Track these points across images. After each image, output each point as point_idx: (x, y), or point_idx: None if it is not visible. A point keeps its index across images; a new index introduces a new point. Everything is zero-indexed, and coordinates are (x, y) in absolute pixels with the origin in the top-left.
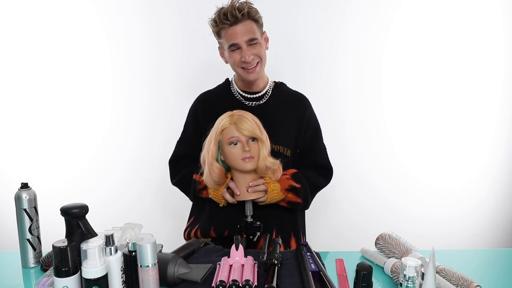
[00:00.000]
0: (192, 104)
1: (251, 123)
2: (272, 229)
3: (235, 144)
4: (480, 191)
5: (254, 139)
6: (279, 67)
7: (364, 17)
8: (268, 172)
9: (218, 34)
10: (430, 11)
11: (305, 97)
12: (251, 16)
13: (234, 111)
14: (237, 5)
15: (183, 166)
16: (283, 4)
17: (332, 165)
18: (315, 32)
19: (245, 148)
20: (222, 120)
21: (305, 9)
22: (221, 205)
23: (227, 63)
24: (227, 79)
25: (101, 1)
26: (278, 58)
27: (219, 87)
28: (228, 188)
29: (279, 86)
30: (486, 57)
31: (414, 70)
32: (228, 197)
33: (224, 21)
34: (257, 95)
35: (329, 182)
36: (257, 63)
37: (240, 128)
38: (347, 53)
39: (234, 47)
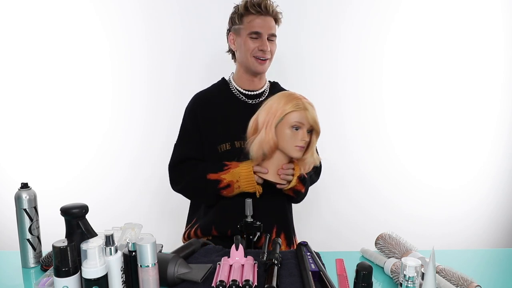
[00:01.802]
0: (189, 104)
1: (316, 114)
2: (273, 227)
3: (297, 129)
4: (480, 191)
5: (310, 131)
6: (278, 67)
7: (364, 18)
8: (303, 164)
9: (240, 18)
10: (430, 11)
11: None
12: (277, 16)
13: (300, 96)
14: (269, 1)
15: (187, 170)
16: (283, 4)
17: (332, 165)
18: (315, 32)
19: (304, 137)
20: (290, 101)
21: (305, 9)
22: (258, 195)
23: (234, 51)
24: (223, 78)
25: (101, 1)
26: (278, 58)
27: (214, 86)
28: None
29: (275, 86)
30: (486, 57)
31: (414, 70)
32: (260, 180)
33: (255, 7)
34: (256, 92)
35: (318, 178)
36: (269, 58)
37: (308, 116)
38: (347, 54)
39: (256, 35)
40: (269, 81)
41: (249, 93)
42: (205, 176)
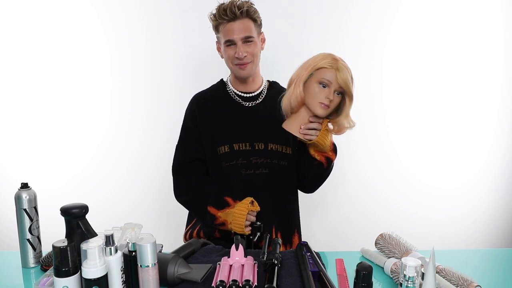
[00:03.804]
0: (188, 105)
1: (348, 77)
2: (272, 226)
3: (324, 86)
4: (480, 191)
5: (340, 93)
6: (278, 67)
7: (364, 18)
8: (336, 126)
9: (216, 28)
10: (430, 12)
11: None
12: (250, 15)
13: (338, 57)
14: (238, 3)
15: (193, 185)
16: (283, 4)
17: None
18: (315, 33)
19: (329, 96)
20: (325, 59)
21: (305, 10)
22: (246, 232)
23: (222, 58)
24: (221, 80)
25: (101, 1)
26: (278, 58)
27: (213, 87)
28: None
29: (273, 86)
30: (486, 57)
31: (414, 70)
32: (252, 219)
33: (223, 16)
34: (253, 94)
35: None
36: (250, 61)
37: (338, 77)
38: (347, 54)
39: (230, 42)
40: (267, 81)
41: (245, 95)
42: (206, 206)
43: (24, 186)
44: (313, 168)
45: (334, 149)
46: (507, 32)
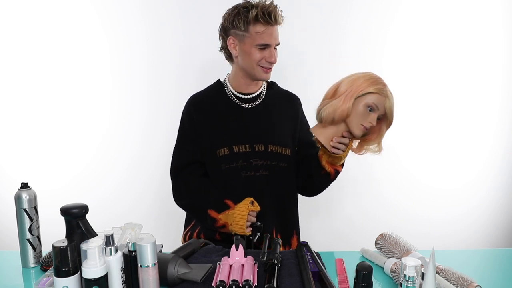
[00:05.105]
0: (185, 107)
1: (394, 106)
2: (272, 227)
3: (370, 110)
4: (480, 191)
5: (379, 118)
6: (277, 66)
7: (364, 18)
8: (361, 146)
9: (246, 26)
10: (430, 12)
11: (296, 96)
12: (281, 22)
13: (386, 84)
14: (278, 9)
15: (192, 188)
16: (283, 4)
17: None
18: (315, 32)
19: (373, 121)
20: (376, 84)
21: (306, 9)
22: (247, 233)
23: (236, 56)
24: (218, 80)
25: (101, 1)
26: (278, 58)
27: (210, 88)
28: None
29: (272, 87)
30: (486, 57)
31: (414, 70)
32: (253, 220)
33: (268, 19)
34: (251, 96)
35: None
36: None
37: (386, 105)
38: (348, 53)
39: (265, 46)
40: (265, 81)
41: (244, 96)
42: (206, 209)
43: (24, 186)
44: (320, 176)
45: (343, 162)
46: (507, 32)
